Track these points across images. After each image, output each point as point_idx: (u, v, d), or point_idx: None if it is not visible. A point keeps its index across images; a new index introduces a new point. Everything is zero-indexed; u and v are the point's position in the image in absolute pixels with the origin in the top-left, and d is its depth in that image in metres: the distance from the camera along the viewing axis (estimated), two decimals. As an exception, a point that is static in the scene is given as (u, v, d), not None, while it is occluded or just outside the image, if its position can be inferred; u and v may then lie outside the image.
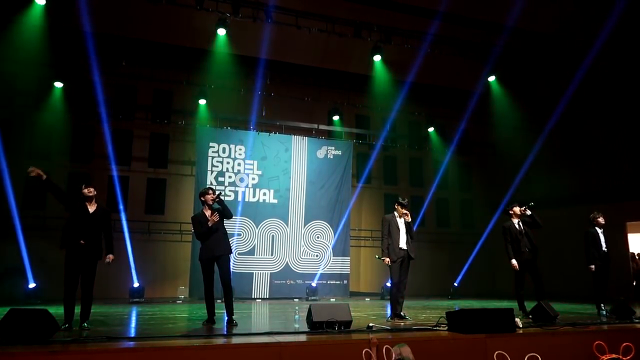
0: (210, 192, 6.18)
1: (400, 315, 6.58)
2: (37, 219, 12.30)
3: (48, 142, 13.14)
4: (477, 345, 4.59)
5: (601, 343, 4.67)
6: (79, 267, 5.56)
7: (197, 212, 6.33)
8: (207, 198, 6.11)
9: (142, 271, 12.60)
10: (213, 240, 5.99)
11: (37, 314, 4.14)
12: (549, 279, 7.49)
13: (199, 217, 6.16)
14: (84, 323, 5.48)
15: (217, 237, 6.00)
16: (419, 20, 12.83)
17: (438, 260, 15.64)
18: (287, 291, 12.98)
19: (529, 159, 14.32)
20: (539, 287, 7.20)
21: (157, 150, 14.27)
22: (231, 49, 12.57)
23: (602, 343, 4.68)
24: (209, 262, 6.01)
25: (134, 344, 4.30)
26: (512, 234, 7.42)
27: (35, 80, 12.81)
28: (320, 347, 4.27)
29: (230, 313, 5.97)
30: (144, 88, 13.90)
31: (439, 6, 12.88)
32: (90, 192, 5.74)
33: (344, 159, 14.27)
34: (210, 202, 6.10)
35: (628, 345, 4.75)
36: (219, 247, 6.00)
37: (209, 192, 6.17)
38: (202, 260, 6.04)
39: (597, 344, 4.66)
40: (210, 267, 6.02)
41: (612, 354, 4.60)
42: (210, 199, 6.10)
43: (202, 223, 6.03)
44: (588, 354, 4.80)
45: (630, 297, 11.59)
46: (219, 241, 6.01)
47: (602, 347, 4.63)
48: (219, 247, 6.00)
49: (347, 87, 15.25)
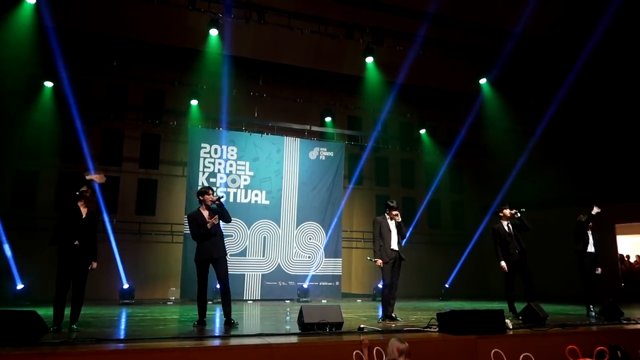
0: (210, 192, 6.08)
1: (392, 316, 6.60)
2: (26, 219, 12.18)
3: (38, 142, 13.03)
4: (467, 346, 4.61)
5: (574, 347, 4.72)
6: (71, 269, 5.53)
7: (193, 211, 6.18)
8: (207, 198, 6.02)
9: (133, 272, 12.52)
10: (211, 242, 5.93)
11: (25, 316, 4.10)
12: (538, 280, 7.54)
13: (195, 216, 6.04)
14: (73, 325, 5.44)
15: (215, 239, 5.95)
16: (410, 22, 12.89)
17: (429, 261, 15.68)
18: (279, 292, 12.95)
19: (520, 161, 14.43)
20: (529, 289, 7.25)
21: (148, 151, 14.19)
22: (223, 50, 12.53)
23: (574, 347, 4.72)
24: (205, 264, 5.97)
25: (123, 345, 4.27)
26: (501, 236, 7.47)
27: (25, 80, 12.69)
28: (311, 349, 4.27)
29: (229, 314, 5.96)
30: (136, 88, 13.81)
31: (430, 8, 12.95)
32: (88, 193, 5.74)
33: (336, 160, 14.27)
34: (209, 202, 6.03)
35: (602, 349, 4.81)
36: (216, 250, 5.95)
37: (208, 192, 6.08)
38: (198, 262, 5.98)
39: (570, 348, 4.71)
40: (206, 268, 5.98)
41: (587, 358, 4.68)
42: (210, 199, 6.02)
43: (199, 224, 5.95)
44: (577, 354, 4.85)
45: (619, 299, 11.70)
46: (216, 243, 5.96)
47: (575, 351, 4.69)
48: (217, 250, 5.96)
49: (339, 88, 15.27)
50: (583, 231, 8.09)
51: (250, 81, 14.07)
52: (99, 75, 13.20)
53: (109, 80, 13.34)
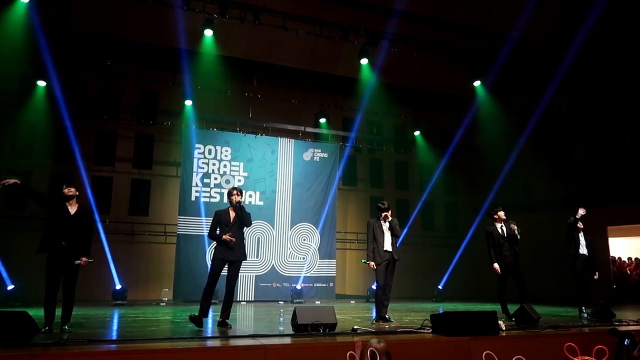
0: (235, 192, 6.10)
1: (385, 317, 6.60)
2: (17, 219, 12.08)
3: (30, 142, 12.93)
4: (461, 348, 4.62)
5: (572, 345, 4.70)
6: (60, 269, 5.45)
7: (223, 209, 6.25)
8: (232, 199, 6.08)
9: (125, 273, 12.45)
10: (228, 245, 6.00)
11: (16, 317, 4.05)
12: (530, 282, 7.58)
13: (221, 213, 6.14)
14: (65, 326, 5.39)
15: (237, 242, 6.04)
16: (406, 24, 12.94)
17: (423, 262, 15.72)
18: (273, 294, 12.92)
19: (512, 163, 14.51)
20: (522, 290, 7.29)
21: (142, 151, 14.12)
22: (218, 50, 12.51)
23: (573, 345, 4.70)
24: (220, 263, 6.03)
25: (116, 346, 4.25)
26: (495, 238, 7.50)
27: (17, 79, 12.60)
28: (304, 350, 4.27)
29: (227, 316, 5.97)
30: (130, 88, 13.75)
31: (425, 11, 13.02)
32: (70, 192, 5.59)
33: (331, 162, 14.27)
34: (234, 203, 6.05)
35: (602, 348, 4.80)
36: (232, 252, 6.03)
37: (232, 192, 6.12)
38: (216, 259, 6.03)
39: (568, 345, 4.69)
40: (221, 268, 6.04)
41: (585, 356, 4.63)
42: (235, 200, 6.04)
43: (220, 223, 6.06)
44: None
45: (611, 300, 11.78)
46: (238, 245, 6.06)
47: (573, 348, 4.65)
48: (233, 253, 6.03)
49: (334, 89, 15.28)
50: (572, 233, 8.12)
51: (244, 82, 14.04)
52: (93, 74, 13.12)
53: (102, 79, 13.27)
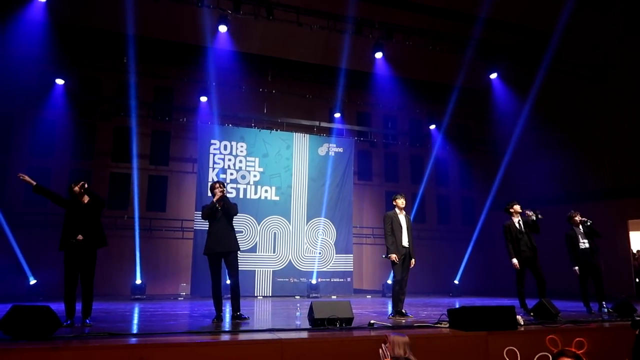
0: (217, 185, 6.17)
1: (402, 312, 6.58)
2: (38, 215, 12.30)
3: (50, 139, 13.15)
4: (478, 342, 4.59)
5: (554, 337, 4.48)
6: (78, 264, 5.54)
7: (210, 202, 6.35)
8: (215, 192, 6.13)
9: (144, 268, 12.60)
10: (217, 236, 5.97)
11: (39, 311, 4.15)
12: (548, 277, 7.48)
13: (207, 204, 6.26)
14: (86, 319, 5.49)
15: (222, 233, 5.97)
16: (420, 17, 12.80)
17: (439, 257, 15.63)
18: (290, 289, 12.95)
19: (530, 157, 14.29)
20: (541, 285, 7.21)
21: (158, 148, 14.27)
22: (232, 46, 12.55)
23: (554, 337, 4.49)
24: (214, 258, 6.02)
25: (136, 340, 4.31)
26: (512, 233, 7.43)
27: (36, 77, 12.80)
28: (321, 344, 4.28)
29: (238, 309, 5.99)
30: (145, 85, 13.88)
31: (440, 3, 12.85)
32: (79, 188, 5.71)
33: (346, 156, 14.23)
34: (218, 196, 6.10)
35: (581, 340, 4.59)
36: (220, 244, 5.97)
37: (215, 186, 6.18)
38: (208, 257, 6.05)
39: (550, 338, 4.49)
40: (216, 263, 6.02)
41: None
42: (217, 193, 6.08)
43: (209, 216, 6.10)
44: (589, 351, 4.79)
45: (632, 295, 11.58)
46: (223, 237, 5.98)
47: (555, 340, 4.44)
48: (221, 244, 5.97)
49: (348, 84, 15.22)
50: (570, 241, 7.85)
51: (259, 77, 14.07)
52: (109, 72, 13.27)
53: (118, 77, 13.42)
